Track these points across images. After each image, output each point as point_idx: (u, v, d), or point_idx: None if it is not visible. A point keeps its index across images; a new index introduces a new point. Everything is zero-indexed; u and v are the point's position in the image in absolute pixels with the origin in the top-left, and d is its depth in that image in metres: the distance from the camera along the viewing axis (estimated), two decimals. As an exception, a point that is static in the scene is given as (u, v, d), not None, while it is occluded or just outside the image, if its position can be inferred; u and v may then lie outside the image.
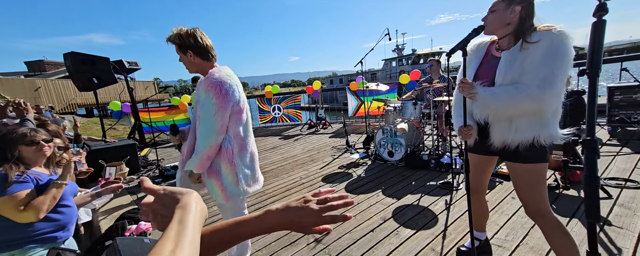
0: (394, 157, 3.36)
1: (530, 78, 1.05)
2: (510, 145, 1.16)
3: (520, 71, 1.09)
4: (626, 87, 3.16)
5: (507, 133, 1.16)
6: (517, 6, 1.09)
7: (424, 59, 24.20)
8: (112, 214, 2.63)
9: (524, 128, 1.12)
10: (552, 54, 1.01)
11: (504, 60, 1.15)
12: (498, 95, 1.10)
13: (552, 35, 1.02)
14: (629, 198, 1.98)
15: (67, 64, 3.85)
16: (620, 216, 1.79)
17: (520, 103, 1.07)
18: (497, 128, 1.20)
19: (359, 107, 6.71)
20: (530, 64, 1.06)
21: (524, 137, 1.12)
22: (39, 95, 16.72)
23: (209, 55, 1.33)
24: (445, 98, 3.16)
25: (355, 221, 2.13)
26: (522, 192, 1.24)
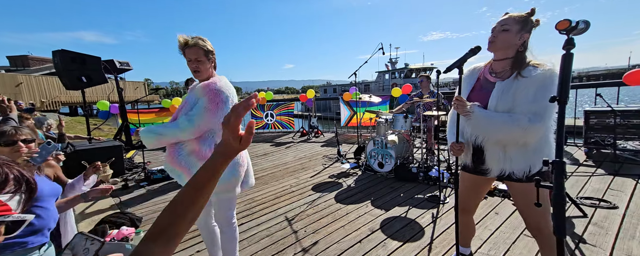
0: (384, 168, 3.41)
1: (522, 111, 1.11)
2: (507, 173, 1.20)
3: (512, 102, 1.14)
4: (600, 111, 3.38)
5: (503, 162, 1.19)
6: (526, 34, 1.14)
7: (416, 73, 24.94)
8: (92, 218, 2.52)
9: (518, 157, 1.16)
10: (543, 91, 1.08)
11: (497, 89, 1.18)
12: (493, 118, 1.14)
13: (544, 73, 1.09)
14: (602, 217, 2.08)
15: (56, 61, 3.75)
16: (594, 235, 1.87)
17: (511, 131, 1.11)
18: (492, 157, 1.22)
19: (351, 117, 6.81)
20: (524, 98, 1.11)
21: (520, 166, 1.16)
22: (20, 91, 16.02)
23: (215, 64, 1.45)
24: (434, 113, 3.27)
25: (343, 232, 2.14)
26: (522, 209, 1.26)
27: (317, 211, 2.53)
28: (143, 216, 2.52)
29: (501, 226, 2.05)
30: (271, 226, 2.28)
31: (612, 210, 2.16)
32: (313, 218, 2.39)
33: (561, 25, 0.61)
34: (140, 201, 2.95)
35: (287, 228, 2.24)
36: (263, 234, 2.17)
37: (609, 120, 3.28)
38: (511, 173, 1.19)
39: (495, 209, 2.32)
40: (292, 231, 2.19)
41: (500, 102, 1.17)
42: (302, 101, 7.10)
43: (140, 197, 3.09)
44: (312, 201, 2.76)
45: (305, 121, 6.94)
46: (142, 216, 2.49)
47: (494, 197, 2.54)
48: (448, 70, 1.28)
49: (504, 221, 2.12)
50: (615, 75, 36.03)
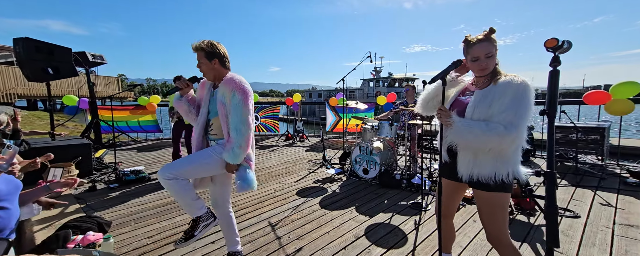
0: (368, 175, 3.45)
1: (498, 120, 1.18)
2: (475, 177, 1.26)
3: (488, 111, 1.21)
4: (564, 127, 3.71)
5: (472, 167, 1.26)
6: (496, 51, 1.25)
7: (399, 83, 25.86)
8: (53, 223, 2.28)
9: (486, 163, 1.23)
10: (517, 102, 1.15)
11: (475, 98, 1.26)
12: (472, 127, 1.20)
13: (517, 86, 1.17)
14: (567, 226, 2.25)
15: (18, 49, 3.40)
16: (562, 243, 2.01)
17: (488, 139, 1.17)
18: (462, 161, 1.30)
19: (336, 123, 6.86)
20: (498, 107, 1.19)
21: (486, 172, 1.23)
22: (-32, 80, 14.31)
23: (226, 63, 1.58)
24: (418, 121, 3.39)
25: (328, 238, 2.12)
26: (484, 218, 1.33)
27: (302, 216, 2.49)
28: (113, 221, 2.32)
29: (479, 234, 2.14)
30: (254, 232, 2.20)
31: (576, 219, 2.35)
32: (297, 224, 2.34)
33: (549, 43, 0.66)
34: (110, 205, 2.72)
35: (271, 234, 2.17)
36: (245, 240, 2.08)
37: (571, 135, 3.61)
38: (479, 178, 1.25)
39: (473, 217, 2.42)
40: (275, 237, 2.13)
41: (477, 109, 1.25)
42: (288, 105, 7.05)
43: (110, 200, 2.85)
44: (296, 207, 2.71)
45: (291, 125, 6.89)
46: (111, 221, 2.29)
47: (472, 205, 2.66)
48: (432, 81, 1.35)
49: (482, 228, 2.22)
50: (572, 95, 39.88)
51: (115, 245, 1.96)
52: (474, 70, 1.28)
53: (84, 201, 2.79)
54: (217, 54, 1.52)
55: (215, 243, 2.04)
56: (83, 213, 2.46)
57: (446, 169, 1.41)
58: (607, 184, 3.18)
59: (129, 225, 2.31)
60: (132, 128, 6.48)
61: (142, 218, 2.45)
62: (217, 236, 2.12)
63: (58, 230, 1.94)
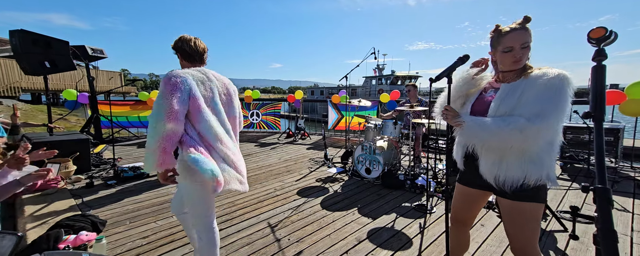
0: (371, 175, 3.36)
1: (521, 113, 1.05)
2: (500, 182, 1.12)
3: (515, 104, 1.07)
4: (576, 127, 3.57)
5: (497, 170, 1.12)
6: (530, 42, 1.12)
7: (402, 81, 25.60)
8: (46, 221, 2.22)
9: (514, 165, 1.09)
10: (547, 94, 1.02)
11: (501, 92, 1.14)
12: (485, 124, 1.08)
13: (551, 77, 1.04)
14: (581, 231, 2.14)
15: (14, 42, 3.32)
16: (576, 251, 1.91)
17: (506, 135, 1.03)
18: (486, 163, 1.16)
19: (338, 121, 6.76)
20: (525, 100, 1.06)
21: (514, 175, 1.09)
22: (-27, 73, 14.39)
23: (193, 59, 1.46)
24: (423, 120, 3.28)
25: (329, 241, 2.03)
26: (511, 229, 1.19)
27: (302, 217, 2.41)
28: (108, 220, 2.26)
29: (488, 239, 2.04)
30: (252, 233, 2.13)
31: (591, 225, 2.24)
32: (297, 225, 2.26)
33: (595, 34, 0.56)
34: (106, 202, 2.66)
35: (270, 236, 2.10)
36: (243, 241, 2.01)
37: (583, 136, 3.48)
38: (504, 181, 1.12)
39: (480, 221, 2.33)
40: (274, 239, 2.05)
41: (503, 104, 1.11)
42: (290, 102, 6.95)
43: (107, 197, 2.79)
44: (296, 207, 2.63)
45: (292, 122, 6.80)
46: (106, 220, 2.23)
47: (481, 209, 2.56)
48: (437, 79, 1.24)
49: (490, 233, 2.13)
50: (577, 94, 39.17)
51: (108, 245, 1.89)
52: (506, 63, 1.14)
53: (80, 197, 2.74)
54: (178, 48, 1.44)
55: (212, 245, 1.96)
56: (78, 211, 2.40)
57: (465, 175, 1.29)
58: (621, 187, 3.05)
59: (124, 224, 2.25)
60: (133, 123, 6.43)
61: (137, 216, 2.39)
62: (214, 238, 2.05)
63: (49, 230, 1.88)
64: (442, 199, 2.81)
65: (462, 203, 1.37)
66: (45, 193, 2.77)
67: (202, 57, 1.49)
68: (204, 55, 1.50)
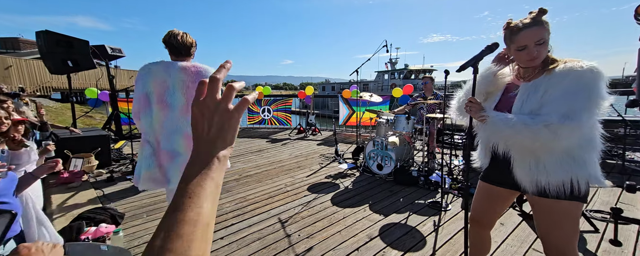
0: (383, 171, 3.29)
1: (547, 111, 0.97)
2: (542, 186, 1.03)
3: (539, 104, 1.00)
4: (609, 120, 3.28)
5: (536, 174, 1.03)
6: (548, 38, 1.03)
7: (416, 75, 24.88)
8: (71, 212, 2.34)
9: (555, 167, 0.99)
10: (576, 88, 0.92)
11: (523, 90, 1.06)
12: (511, 121, 1.00)
13: (579, 71, 0.94)
14: (612, 233, 1.98)
15: (40, 43, 3.51)
16: (609, 253, 1.77)
17: (534, 134, 0.95)
18: (521, 167, 1.07)
19: (350, 116, 6.67)
20: (550, 99, 0.97)
21: (558, 178, 0.99)
22: (9, 75, 15.51)
23: (180, 53, 1.52)
24: (438, 115, 3.15)
25: (339, 237, 2.01)
26: (548, 229, 1.08)
27: (312, 213, 2.40)
28: (126, 213, 2.35)
29: (508, 239, 1.93)
30: (263, 229, 2.14)
31: (626, 226, 2.06)
32: (308, 221, 2.25)
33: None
34: (125, 196, 2.78)
35: (280, 231, 2.10)
36: (254, 236, 2.03)
37: (618, 129, 3.20)
38: (547, 186, 1.01)
39: (500, 219, 2.21)
40: (285, 235, 2.05)
41: (526, 104, 1.03)
42: (301, 98, 6.93)
43: (126, 191, 2.91)
44: (307, 203, 2.62)
45: (303, 118, 6.79)
46: (124, 213, 2.33)
47: (498, 206, 2.43)
48: (462, 69, 1.14)
49: (510, 233, 2.01)
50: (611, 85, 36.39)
51: (125, 238, 1.97)
52: (521, 61, 1.06)
53: (101, 191, 2.87)
54: (166, 42, 1.50)
55: (224, 239, 1.99)
56: (99, 204, 2.52)
57: (492, 173, 1.20)
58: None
59: (141, 217, 2.33)
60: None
61: (154, 210, 2.47)
62: (227, 232, 2.08)
63: (73, 221, 1.98)
64: (457, 196, 2.70)
65: (485, 203, 1.28)
66: (71, 186, 2.93)
67: (189, 50, 1.52)
68: (191, 49, 1.53)
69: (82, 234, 1.81)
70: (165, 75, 1.42)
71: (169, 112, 1.43)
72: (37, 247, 0.61)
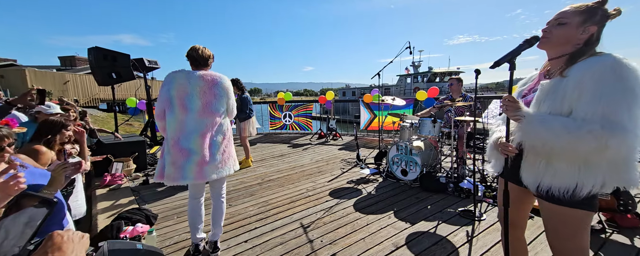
0: (407, 177, 3.15)
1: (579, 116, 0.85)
2: (543, 189, 0.96)
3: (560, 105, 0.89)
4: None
5: (542, 175, 0.95)
6: (592, 26, 0.90)
7: (440, 78, 23.88)
8: (111, 212, 2.55)
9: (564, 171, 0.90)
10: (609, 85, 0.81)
11: (541, 90, 0.96)
12: (549, 123, 0.90)
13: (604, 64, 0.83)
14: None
15: (90, 58, 3.96)
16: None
17: (577, 141, 0.84)
18: (529, 164, 1.00)
19: (371, 121, 6.55)
20: (581, 96, 0.86)
21: (562, 183, 0.91)
22: (67, 88, 17.66)
23: (199, 64, 1.74)
24: (468, 118, 2.96)
25: (363, 245, 1.94)
26: (553, 239, 1.01)
27: (335, 219, 2.35)
28: (159, 214, 2.50)
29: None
30: (285, 233, 2.14)
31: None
32: (330, 227, 2.21)
33: None
34: (158, 198, 2.96)
35: (302, 237, 2.08)
36: (277, 241, 2.03)
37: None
38: (548, 189, 0.94)
39: (544, 232, 1.99)
40: (307, 241, 2.03)
41: (544, 106, 0.93)
42: (321, 103, 6.97)
43: (160, 193, 3.10)
44: (329, 208, 2.58)
45: (324, 123, 6.80)
46: (157, 214, 2.47)
47: (542, 217, 2.19)
48: (496, 65, 1.03)
49: (557, 247, 1.80)
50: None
51: (158, 238, 2.08)
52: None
53: (137, 193, 3.09)
54: (188, 55, 1.73)
55: (248, 243, 2.02)
56: (136, 205, 2.71)
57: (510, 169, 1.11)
58: None
59: (172, 218, 2.46)
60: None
61: (184, 212, 2.59)
62: (250, 236, 2.11)
63: (114, 220, 2.14)
64: (493, 205, 2.49)
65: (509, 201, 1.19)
66: (112, 188, 3.19)
67: (207, 61, 1.75)
68: (209, 61, 1.77)
69: (121, 233, 1.95)
70: (185, 82, 1.63)
71: (188, 114, 1.63)
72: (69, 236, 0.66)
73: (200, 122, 1.64)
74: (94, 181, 3.40)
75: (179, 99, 1.62)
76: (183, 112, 1.62)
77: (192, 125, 1.63)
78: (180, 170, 1.60)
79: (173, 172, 1.61)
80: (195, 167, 1.61)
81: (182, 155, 1.60)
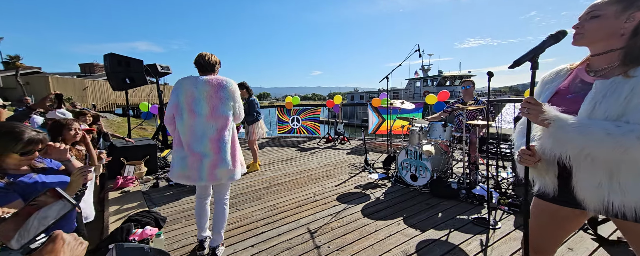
0: (417, 182, 3.06)
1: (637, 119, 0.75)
2: (614, 210, 0.82)
3: (623, 109, 0.78)
4: None
5: (607, 194, 0.81)
6: (637, 12, 0.80)
7: (451, 81, 23.48)
8: (122, 214, 2.59)
9: (634, 185, 0.78)
10: None
11: (596, 90, 0.84)
12: (587, 128, 0.79)
13: None
14: None
15: (106, 64, 4.12)
16: None
17: (622, 147, 0.73)
18: (586, 183, 0.85)
19: (380, 125, 6.47)
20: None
21: (635, 199, 0.78)
22: (86, 94, 18.46)
23: (206, 69, 1.79)
24: (480, 122, 2.87)
25: (372, 252, 1.88)
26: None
27: (342, 225, 2.31)
28: (167, 217, 2.52)
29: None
30: (292, 238, 2.11)
31: None
32: (337, 233, 2.17)
33: None
34: (167, 201, 3.00)
35: (309, 242, 2.05)
36: (283, 246, 2.00)
37: None
38: (622, 209, 0.80)
39: (567, 243, 1.87)
40: (314, 246, 1.99)
41: (601, 108, 0.81)
42: (329, 107, 6.96)
43: (169, 196, 3.14)
44: (336, 213, 2.53)
45: (331, 127, 6.77)
46: (166, 217, 2.50)
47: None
48: (516, 64, 0.91)
49: (584, 260, 1.69)
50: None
51: (166, 241, 2.10)
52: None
53: (148, 195, 3.14)
54: (196, 62, 1.79)
55: (254, 247, 2.00)
56: (146, 207, 2.75)
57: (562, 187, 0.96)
58: None
59: (180, 221, 2.47)
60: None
61: (192, 215, 2.61)
62: (257, 241, 2.09)
63: (124, 223, 2.18)
64: (508, 213, 2.38)
65: (546, 227, 1.05)
66: (124, 190, 3.26)
67: (213, 67, 1.82)
68: (215, 66, 1.83)
69: (130, 235, 1.97)
70: (193, 87, 1.68)
71: (197, 118, 1.68)
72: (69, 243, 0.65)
73: (209, 125, 1.70)
74: (107, 183, 3.48)
75: (187, 104, 1.68)
76: (192, 116, 1.68)
77: (201, 129, 1.69)
78: (197, 171, 1.69)
79: (191, 173, 1.70)
80: (208, 169, 1.70)
81: (196, 159, 1.68)
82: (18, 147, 1.08)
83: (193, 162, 1.68)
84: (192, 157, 1.68)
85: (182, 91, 1.68)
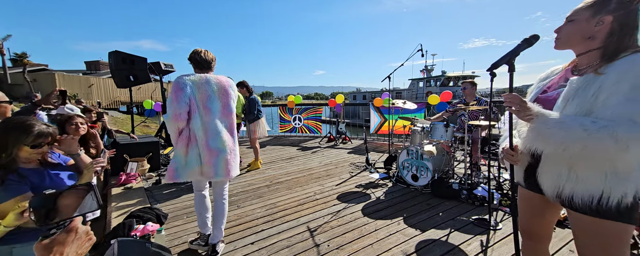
0: (418, 182, 3.06)
1: (608, 116, 0.79)
2: (566, 196, 0.89)
3: (590, 105, 0.83)
4: None
5: (564, 182, 0.88)
6: (607, 15, 0.84)
7: (454, 82, 23.33)
8: (124, 210, 2.62)
9: (590, 177, 0.84)
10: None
11: (571, 87, 0.89)
12: (566, 123, 0.83)
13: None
14: None
15: (110, 61, 4.16)
16: None
17: (597, 143, 0.77)
18: (548, 170, 0.93)
19: (381, 125, 6.46)
20: (611, 96, 0.79)
21: (587, 190, 0.84)
22: (91, 91, 18.64)
23: (202, 67, 1.78)
24: (482, 122, 2.85)
25: (371, 251, 1.88)
26: (586, 253, 0.92)
27: (342, 224, 2.31)
28: (169, 213, 2.54)
29: None
30: (292, 236, 2.12)
31: None
32: (337, 232, 2.17)
33: None
34: (169, 198, 3.02)
35: (309, 241, 2.05)
36: (283, 244, 2.01)
37: None
38: (571, 197, 0.87)
39: (569, 245, 1.85)
40: (314, 244, 2.00)
41: (572, 104, 0.86)
42: (331, 106, 6.96)
43: (171, 193, 3.17)
44: (336, 212, 2.54)
45: (333, 127, 6.77)
46: (168, 213, 2.52)
47: (566, 229, 2.05)
48: (494, 67, 1.00)
49: None
50: None
51: (167, 237, 2.12)
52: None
53: (150, 192, 3.17)
54: (191, 58, 1.78)
55: (254, 245, 2.02)
56: (148, 204, 2.78)
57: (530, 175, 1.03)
58: None
59: (182, 218, 2.50)
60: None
61: (193, 212, 2.63)
62: (257, 238, 2.11)
63: (126, 218, 2.20)
64: (509, 214, 2.36)
65: (529, 211, 1.12)
66: (126, 187, 3.30)
67: (210, 64, 1.80)
68: (212, 63, 1.81)
69: (132, 231, 1.99)
70: (206, 85, 1.72)
71: (211, 115, 1.73)
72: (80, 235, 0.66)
73: (222, 122, 1.77)
74: (111, 179, 3.52)
75: (201, 102, 1.70)
76: (207, 114, 1.72)
77: (216, 126, 1.74)
78: (213, 167, 1.73)
79: (206, 169, 1.72)
80: (224, 164, 1.75)
81: (213, 155, 1.72)
82: (29, 140, 1.10)
83: (210, 158, 1.71)
84: (209, 154, 1.71)
85: (196, 89, 1.69)
